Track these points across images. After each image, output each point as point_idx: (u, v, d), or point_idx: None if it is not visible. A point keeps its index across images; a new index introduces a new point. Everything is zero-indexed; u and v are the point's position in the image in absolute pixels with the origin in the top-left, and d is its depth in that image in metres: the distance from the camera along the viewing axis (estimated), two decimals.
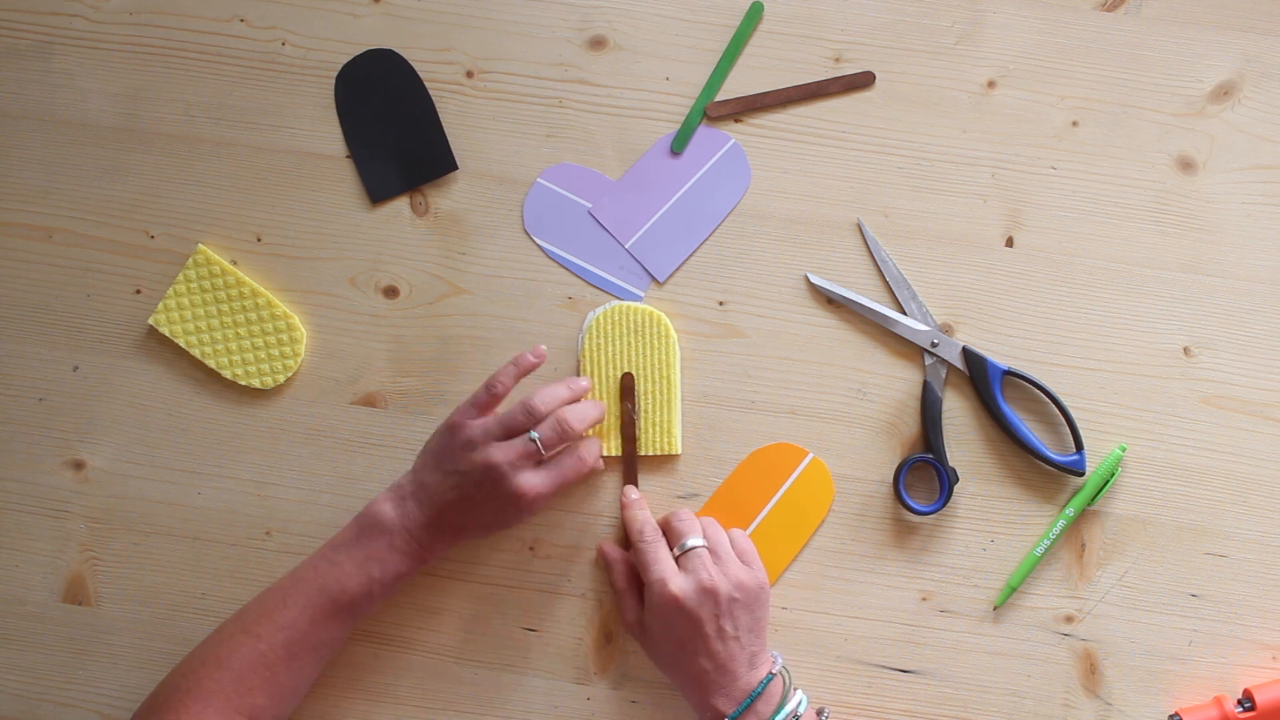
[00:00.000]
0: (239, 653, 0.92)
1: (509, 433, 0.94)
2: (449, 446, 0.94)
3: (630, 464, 1.01)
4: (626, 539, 0.99)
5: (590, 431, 1.00)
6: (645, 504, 0.98)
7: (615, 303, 1.02)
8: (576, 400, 0.97)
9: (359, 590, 0.94)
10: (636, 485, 1.01)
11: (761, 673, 0.92)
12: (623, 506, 0.99)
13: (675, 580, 0.93)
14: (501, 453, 0.93)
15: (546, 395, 0.95)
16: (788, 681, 0.93)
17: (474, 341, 1.03)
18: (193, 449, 1.03)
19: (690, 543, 0.94)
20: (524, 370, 0.96)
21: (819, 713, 0.96)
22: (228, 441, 1.03)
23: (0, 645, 1.03)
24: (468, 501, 0.94)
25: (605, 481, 1.02)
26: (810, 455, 1.01)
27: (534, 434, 0.94)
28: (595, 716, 1.01)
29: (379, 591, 0.94)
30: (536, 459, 0.94)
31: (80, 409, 1.04)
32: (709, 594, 0.92)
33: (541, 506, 0.96)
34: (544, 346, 0.97)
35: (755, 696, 0.91)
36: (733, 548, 0.96)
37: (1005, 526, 1.01)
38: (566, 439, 0.95)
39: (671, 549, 0.95)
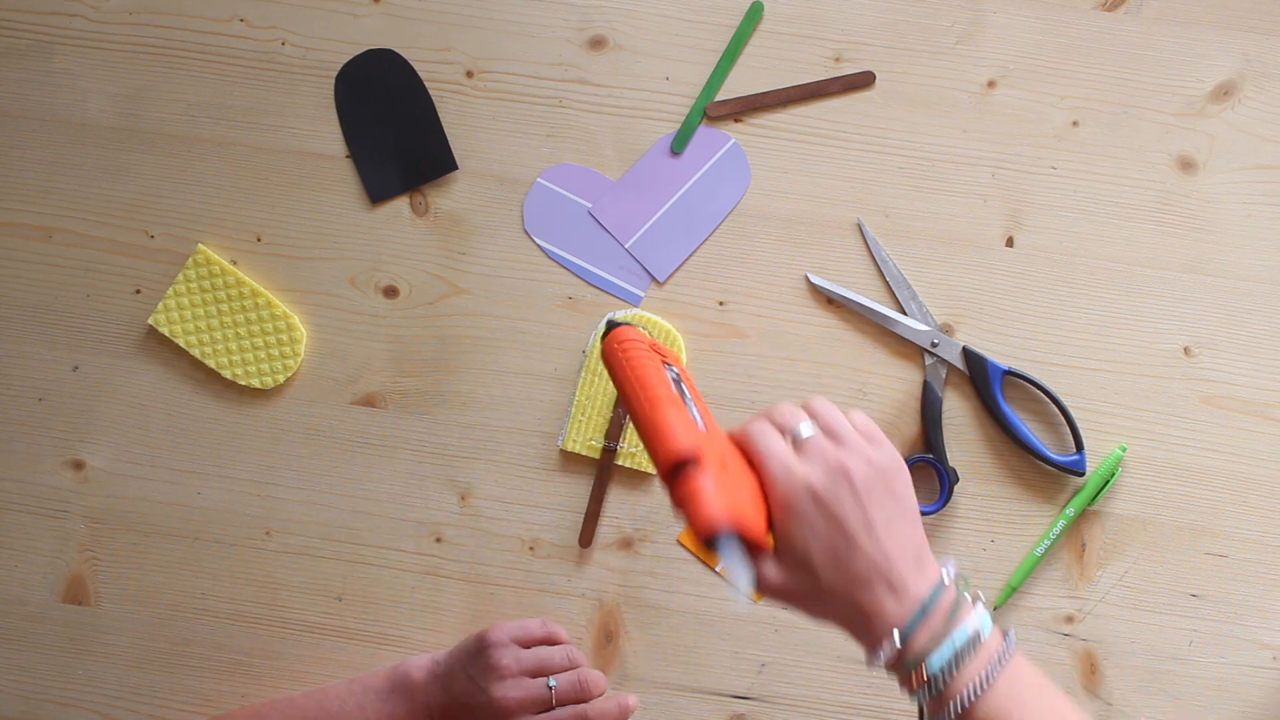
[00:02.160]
0: None
1: (538, 671, 0.96)
2: (479, 659, 0.96)
3: (605, 470, 1.01)
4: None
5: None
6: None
7: (635, 311, 1.02)
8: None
9: None
10: (604, 493, 1.01)
11: (932, 577, 0.73)
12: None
13: (800, 468, 0.73)
14: (516, 692, 0.95)
15: (581, 656, 1.00)
16: (963, 592, 0.73)
17: (474, 341, 1.03)
18: (193, 449, 1.03)
19: (803, 431, 0.75)
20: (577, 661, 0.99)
21: (1005, 634, 0.73)
22: (228, 441, 1.03)
23: (0, 645, 1.03)
24: (471, 711, 0.95)
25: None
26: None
27: (552, 682, 0.96)
28: None
29: None
30: (546, 707, 0.95)
31: (80, 409, 1.04)
32: (842, 475, 0.73)
33: None
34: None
35: (928, 608, 0.72)
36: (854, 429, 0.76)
37: (1005, 526, 1.01)
38: (581, 698, 0.96)
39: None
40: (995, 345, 1.01)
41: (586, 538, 1.02)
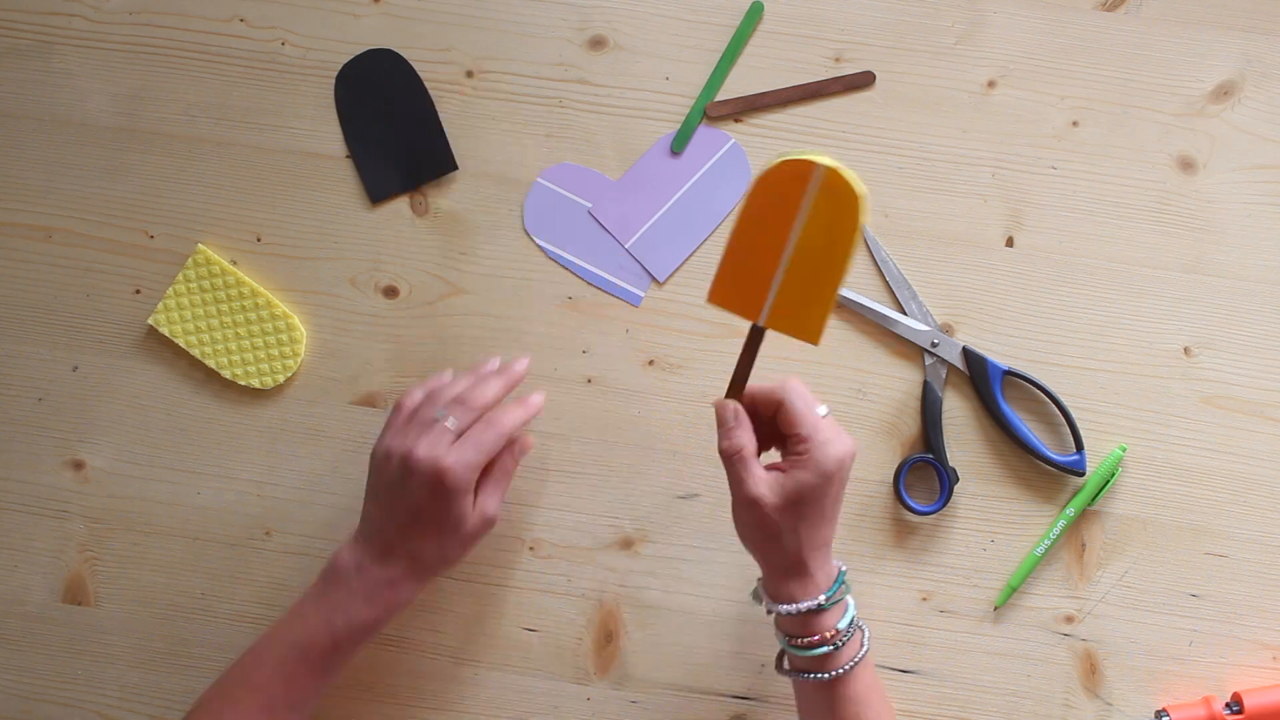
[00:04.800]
0: None
1: (422, 426, 0.90)
2: (373, 468, 0.92)
3: (750, 349, 0.88)
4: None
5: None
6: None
7: (800, 151, 0.88)
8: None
9: (326, 643, 0.89)
10: (745, 383, 0.88)
11: (834, 568, 0.88)
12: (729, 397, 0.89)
13: (843, 439, 0.85)
14: (412, 438, 0.89)
15: (449, 380, 0.94)
16: (848, 587, 0.89)
17: (474, 341, 1.03)
18: (193, 449, 1.03)
19: (822, 410, 0.87)
20: (510, 381, 0.94)
21: (861, 627, 0.89)
22: (228, 441, 1.03)
23: (0, 645, 1.03)
24: (401, 513, 0.90)
25: (606, 477, 1.02)
26: (820, 166, 0.82)
27: (440, 412, 0.91)
28: (595, 716, 1.01)
29: (346, 642, 0.90)
30: (451, 441, 0.89)
31: (80, 409, 1.04)
32: (851, 459, 0.86)
33: (469, 481, 0.88)
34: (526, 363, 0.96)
35: (841, 582, 0.87)
36: None
37: (1005, 526, 1.01)
38: (477, 411, 0.91)
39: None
40: (995, 345, 1.01)
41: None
